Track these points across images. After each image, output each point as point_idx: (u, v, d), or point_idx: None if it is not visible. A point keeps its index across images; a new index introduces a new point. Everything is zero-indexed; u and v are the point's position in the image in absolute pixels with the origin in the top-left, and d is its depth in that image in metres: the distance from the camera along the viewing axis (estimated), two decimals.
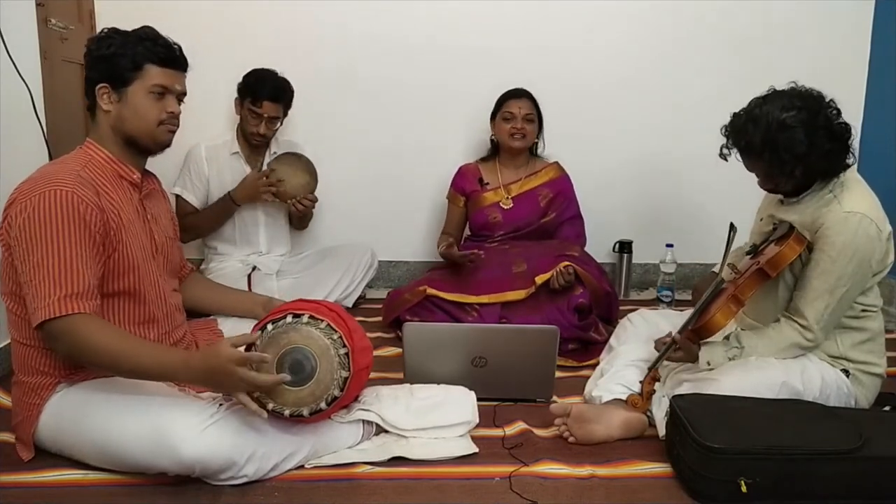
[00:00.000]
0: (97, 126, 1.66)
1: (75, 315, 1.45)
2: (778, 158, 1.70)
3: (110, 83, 1.62)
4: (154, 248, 1.72)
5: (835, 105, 1.74)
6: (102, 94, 1.62)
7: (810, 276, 1.75)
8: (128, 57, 1.61)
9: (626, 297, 3.14)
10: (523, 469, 1.64)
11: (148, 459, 1.50)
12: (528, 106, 2.72)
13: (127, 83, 1.62)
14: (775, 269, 1.74)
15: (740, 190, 1.97)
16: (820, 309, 1.73)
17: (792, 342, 1.77)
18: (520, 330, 2.03)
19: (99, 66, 1.62)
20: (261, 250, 2.81)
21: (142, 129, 1.65)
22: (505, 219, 2.77)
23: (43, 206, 1.47)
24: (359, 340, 1.63)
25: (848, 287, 1.72)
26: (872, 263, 1.73)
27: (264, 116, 2.62)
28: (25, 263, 1.48)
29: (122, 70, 1.61)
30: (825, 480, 1.51)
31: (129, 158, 1.68)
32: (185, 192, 2.69)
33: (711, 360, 1.80)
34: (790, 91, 1.75)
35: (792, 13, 3.06)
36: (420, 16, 2.99)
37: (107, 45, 1.61)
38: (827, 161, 1.72)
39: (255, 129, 2.64)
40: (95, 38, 1.65)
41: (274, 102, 2.62)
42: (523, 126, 2.71)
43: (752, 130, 1.71)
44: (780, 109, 1.69)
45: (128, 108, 1.63)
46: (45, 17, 2.38)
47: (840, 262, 1.70)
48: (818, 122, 1.68)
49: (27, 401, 1.60)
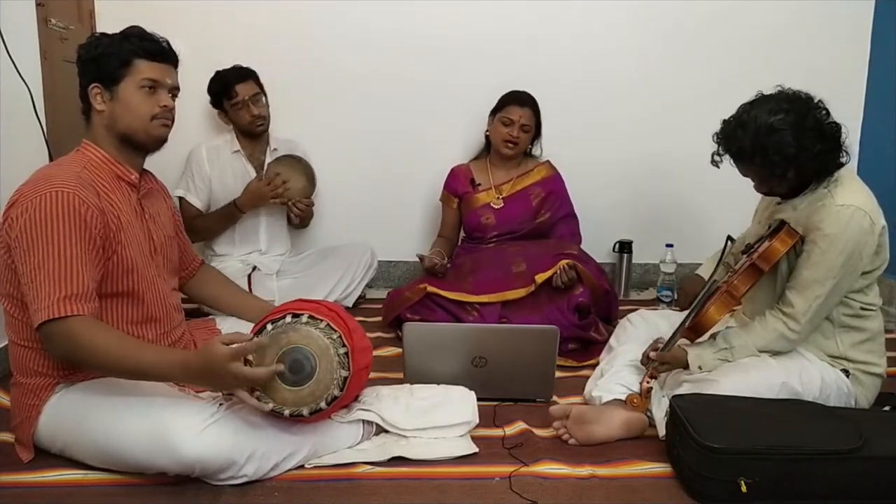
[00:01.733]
0: (92, 128, 1.67)
1: (74, 317, 1.45)
2: (768, 162, 1.70)
3: (101, 82, 1.62)
4: (153, 248, 1.72)
5: (823, 106, 1.74)
6: (95, 94, 1.63)
7: (801, 268, 1.76)
8: (115, 55, 1.61)
9: (626, 297, 3.14)
10: (523, 469, 1.64)
11: (148, 459, 1.50)
12: (528, 116, 2.70)
13: (117, 80, 1.62)
14: (767, 263, 1.76)
15: (740, 190, 1.96)
16: (809, 299, 1.74)
17: (777, 333, 1.77)
18: (520, 330, 2.03)
19: (88, 67, 1.63)
20: (261, 249, 2.81)
21: (135, 124, 1.64)
22: (497, 219, 2.76)
23: (45, 208, 1.47)
24: (358, 340, 1.63)
25: (838, 279, 1.72)
26: (864, 256, 1.73)
27: (245, 99, 2.65)
28: (26, 265, 1.48)
29: (111, 68, 1.61)
30: (825, 480, 1.51)
31: (126, 158, 1.67)
32: (188, 195, 2.70)
33: (702, 364, 1.80)
34: (777, 94, 1.76)
35: (792, 13, 3.06)
36: (418, 14, 2.98)
37: (94, 47, 1.63)
38: (818, 161, 1.72)
39: (248, 116, 2.66)
40: (84, 43, 1.67)
41: (243, 82, 2.66)
42: (518, 135, 2.70)
43: (742, 136, 1.72)
44: (767, 113, 1.70)
45: (120, 104, 1.63)
46: (45, 17, 2.38)
47: (831, 254, 1.71)
48: (806, 124, 1.69)
49: (26, 402, 1.60)
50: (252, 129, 2.70)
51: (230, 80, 2.65)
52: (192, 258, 2.01)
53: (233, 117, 2.69)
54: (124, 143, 1.66)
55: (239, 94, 2.64)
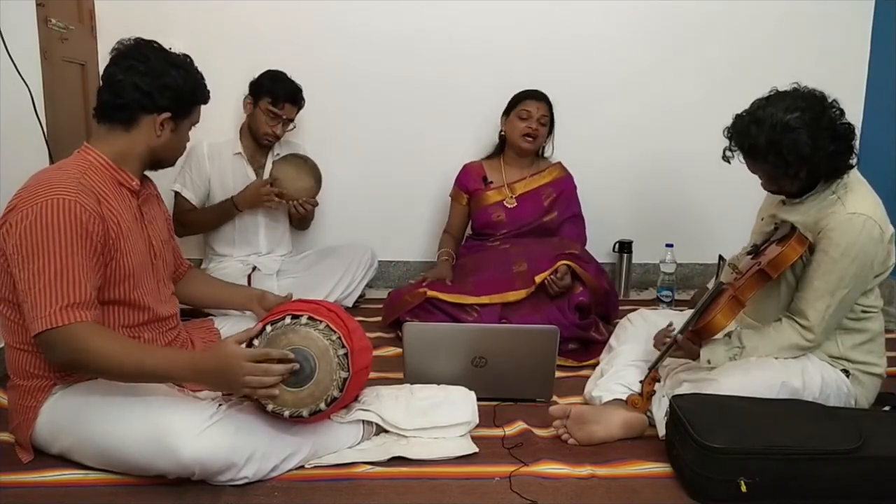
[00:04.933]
0: (124, 139, 1.62)
1: (76, 324, 1.44)
2: (782, 160, 1.68)
3: (174, 114, 1.63)
4: (153, 254, 1.71)
5: (838, 105, 1.73)
6: (162, 122, 1.62)
7: (812, 277, 1.74)
8: (196, 95, 1.66)
9: (626, 297, 3.14)
10: (523, 469, 1.64)
11: (147, 461, 1.50)
12: (544, 108, 2.73)
13: (185, 117, 1.67)
14: (776, 270, 1.73)
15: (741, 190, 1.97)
16: (821, 310, 1.73)
17: (792, 342, 1.77)
18: (520, 330, 2.04)
19: (170, 94, 1.60)
20: (260, 251, 2.81)
21: (175, 157, 1.74)
22: (508, 218, 2.77)
23: (45, 215, 1.45)
24: (358, 341, 1.63)
25: (849, 289, 1.72)
26: (874, 265, 1.72)
27: (283, 118, 2.64)
28: (24, 271, 1.46)
29: (190, 105, 1.66)
30: (825, 480, 1.51)
31: (130, 167, 1.65)
32: (184, 190, 2.69)
33: (712, 358, 1.79)
34: (793, 92, 1.73)
35: (792, 13, 3.06)
36: (422, 14, 2.98)
37: (182, 77, 1.62)
38: (831, 162, 1.71)
39: (270, 130, 2.65)
40: (158, 59, 1.60)
41: (293, 105, 2.66)
42: (538, 128, 2.71)
43: (756, 132, 1.69)
44: (783, 111, 1.67)
45: (175, 139, 1.67)
46: (45, 17, 2.37)
47: (842, 264, 1.70)
48: (822, 124, 1.67)
49: (23, 404, 1.60)
50: (259, 139, 2.70)
51: (286, 95, 2.62)
52: (181, 262, 2.00)
53: (256, 114, 2.66)
54: (150, 163, 1.69)
55: (283, 111, 2.63)
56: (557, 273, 2.42)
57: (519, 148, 2.75)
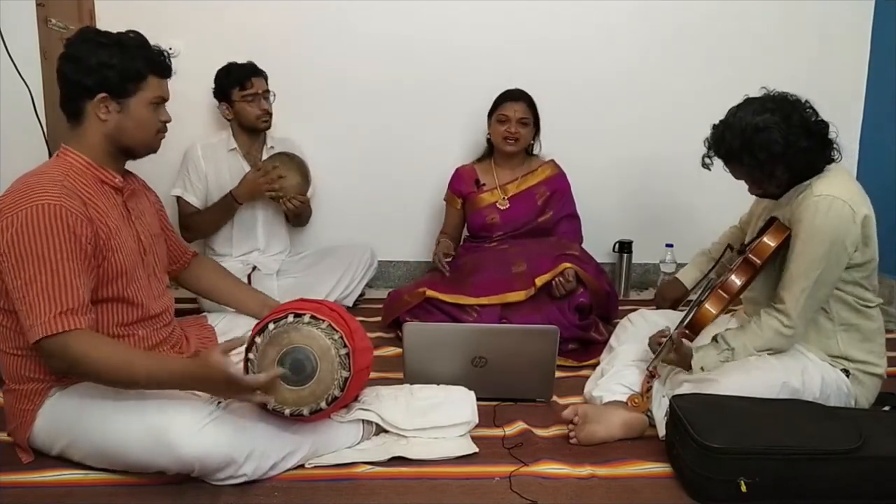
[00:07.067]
0: (82, 133, 1.60)
1: (72, 332, 1.44)
2: (756, 160, 1.73)
3: (110, 93, 1.57)
4: (143, 249, 1.70)
5: (810, 105, 1.78)
6: (101, 103, 1.57)
7: (788, 263, 1.78)
8: (132, 68, 1.57)
9: (626, 297, 3.14)
10: (523, 469, 1.64)
11: (147, 458, 1.50)
12: (523, 109, 2.70)
13: (129, 94, 1.59)
14: (760, 257, 1.79)
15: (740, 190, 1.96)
16: (796, 293, 1.74)
17: (773, 331, 1.77)
18: (520, 330, 2.04)
19: (97, 74, 1.54)
20: (259, 247, 2.81)
21: (142, 139, 1.64)
22: (502, 219, 2.76)
23: (30, 221, 1.43)
24: (359, 341, 1.63)
25: (821, 269, 1.72)
26: (847, 245, 1.72)
27: (259, 93, 2.66)
28: (16, 279, 1.45)
29: (126, 81, 1.57)
30: (825, 480, 1.51)
31: (111, 163, 1.64)
32: (185, 194, 2.69)
33: (705, 365, 1.80)
34: (763, 96, 1.80)
35: (792, 14, 3.06)
36: (417, 15, 2.98)
37: (108, 55, 1.55)
38: (806, 158, 1.75)
39: (258, 110, 2.67)
40: (86, 43, 1.56)
41: (259, 76, 2.68)
42: (517, 130, 2.69)
43: (730, 137, 1.76)
44: (752, 114, 1.74)
45: (129, 119, 1.60)
46: (45, 17, 2.38)
47: (811, 244, 1.72)
48: (793, 122, 1.72)
49: (20, 407, 1.60)
50: (257, 125, 2.70)
51: (247, 72, 2.65)
52: (184, 251, 1.98)
53: (239, 110, 2.67)
54: (119, 152, 1.64)
55: (254, 86, 2.65)
56: (564, 275, 2.42)
57: (503, 151, 2.75)
